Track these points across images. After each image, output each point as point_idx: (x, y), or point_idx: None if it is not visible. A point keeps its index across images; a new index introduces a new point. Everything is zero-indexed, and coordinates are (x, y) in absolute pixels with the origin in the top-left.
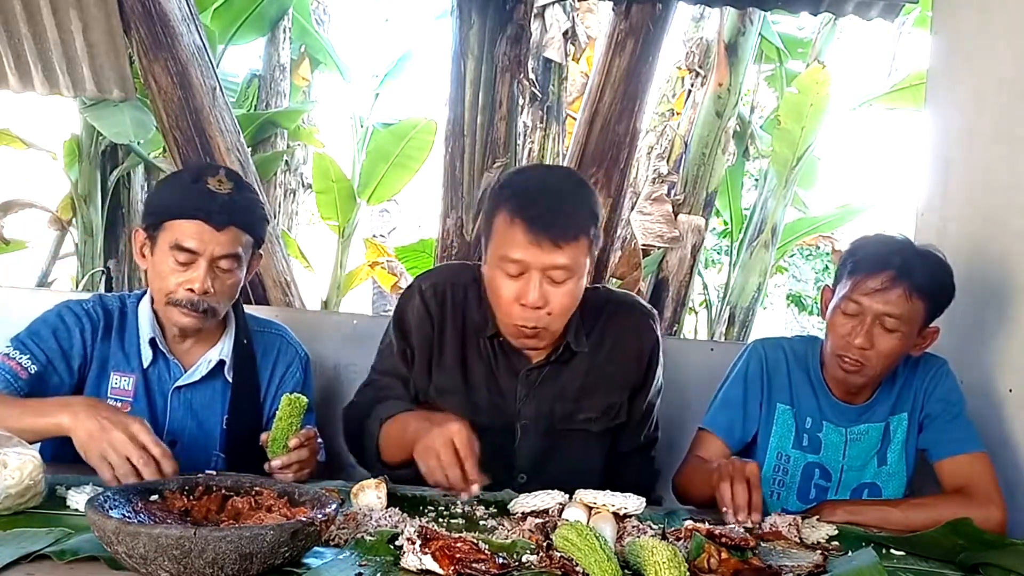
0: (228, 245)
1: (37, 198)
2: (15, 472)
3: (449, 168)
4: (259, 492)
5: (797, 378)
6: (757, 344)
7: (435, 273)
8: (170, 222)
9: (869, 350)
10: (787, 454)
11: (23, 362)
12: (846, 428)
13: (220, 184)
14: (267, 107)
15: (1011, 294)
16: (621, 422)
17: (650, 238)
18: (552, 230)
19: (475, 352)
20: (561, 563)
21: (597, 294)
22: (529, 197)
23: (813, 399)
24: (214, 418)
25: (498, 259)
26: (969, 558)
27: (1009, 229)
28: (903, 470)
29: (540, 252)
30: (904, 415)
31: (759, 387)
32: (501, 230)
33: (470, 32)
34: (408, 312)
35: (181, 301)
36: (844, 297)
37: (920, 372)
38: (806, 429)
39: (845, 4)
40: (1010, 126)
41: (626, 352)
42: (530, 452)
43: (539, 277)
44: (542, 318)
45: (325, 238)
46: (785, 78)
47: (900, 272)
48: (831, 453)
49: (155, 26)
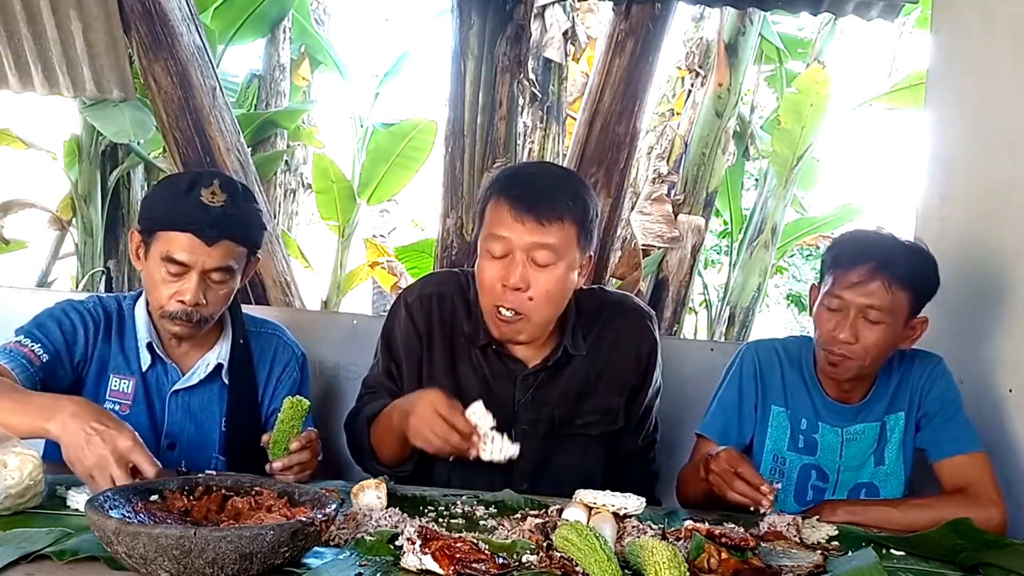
0: (220, 259)
1: (37, 198)
2: (15, 472)
3: (449, 168)
4: (259, 492)
5: (791, 379)
6: (750, 346)
7: (421, 284)
8: (162, 232)
9: (855, 344)
10: (783, 456)
11: (36, 350)
12: (842, 428)
13: (213, 196)
14: (267, 107)
15: (1011, 294)
16: (620, 426)
17: (650, 238)
18: (535, 208)
19: (466, 361)
20: (561, 563)
21: (594, 296)
22: (516, 179)
23: (808, 399)
24: (212, 421)
25: (484, 240)
26: (969, 558)
27: (1009, 229)
28: (901, 470)
29: (523, 230)
30: (901, 414)
31: (753, 389)
32: (489, 212)
33: (470, 32)
34: (395, 328)
35: (174, 313)
36: (826, 293)
37: (916, 370)
38: (801, 430)
39: (845, 4)
40: (1010, 126)
41: (624, 354)
42: (530, 458)
43: (522, 257)
44: (524, 303)
45: (325, 238)
46: (785, 78)
47: (880, 264)
48: (827, 454)
49: (155, 26)
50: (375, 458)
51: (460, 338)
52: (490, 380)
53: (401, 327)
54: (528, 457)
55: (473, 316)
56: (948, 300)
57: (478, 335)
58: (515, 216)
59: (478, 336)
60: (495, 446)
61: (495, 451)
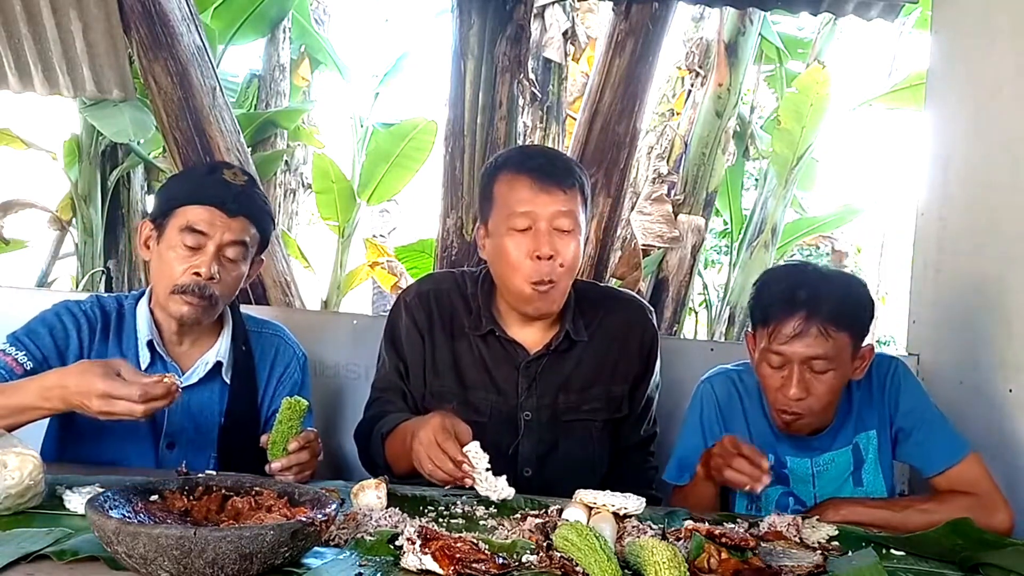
0: (237, 232)
1: (37, 198)
2: (15, 472)
3: (449, 168)
4: (259, 492)
5: (752, 414)
6: (706, 383)
7: (418, 283)
8: (182, 207)
9: (807, 398)
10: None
11: (19, 358)
12: (811, 458)
13: (235, 176)
14: (267, 107)
15: (1011, 294)
16: (624, 414)
17: (650, 238)
18: (555, 175)
19: (468, 353)
20: (561, 563)
21: (596, 288)
22: (527, 153)
23: (771, 433)
24: (212, 420)
25: (504, 219)
26: (969, 558)
27: (1009, 229)
28: (882, 485)
29: (548, 200)
30: (872, 432)
31: (718, 430)
32: (504, 191)
33: (470, 32)
34: (397, 327)
35: (187, 286)
36: (764, 349)
37: (876, 383)
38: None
39: (845, 4)
40: (1010, 126)
41: (627, 343)
42: (534, 446)
43: (547, 227)
44: (555, 270)
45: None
46: (785, 78)
47: (811, 311)
48: (800, 484)
49: (155, 26)
50: (390, 473)
51: (461, 329)
52: (492, 369)
53: (403, 326)
54: (533, 446)
55: (472, 309)
56: (948, 300)
57: (480, 323)
58: (539, 187)
59: (480, 324)
60: (489, 485)
61: (490, 490)
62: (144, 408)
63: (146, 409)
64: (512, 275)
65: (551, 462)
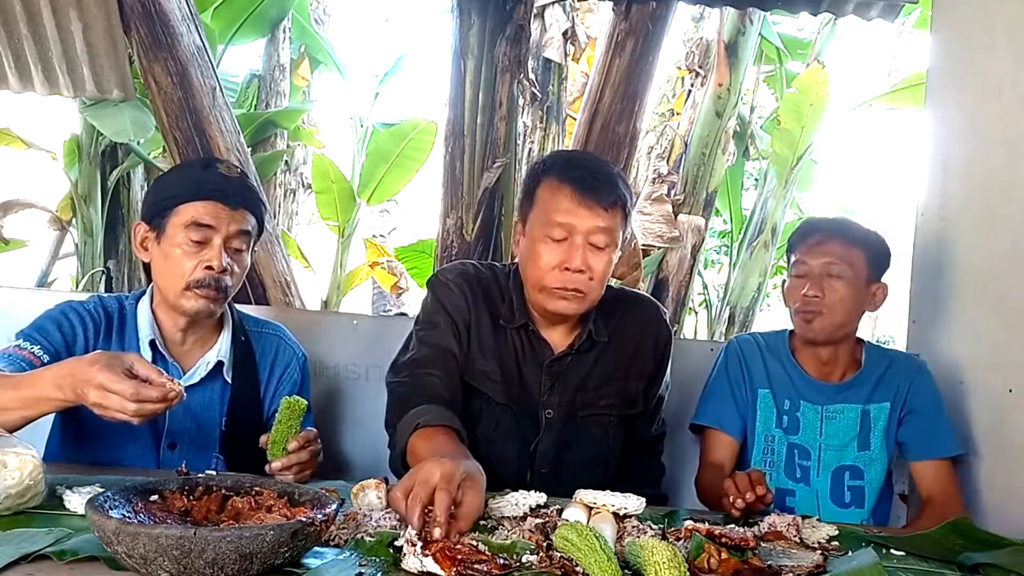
0: (241, 222)
1: (37, 198)
2: (15, 472)
3: (449, 168)
4: (259, 492)
5: (772, 365)
6: (732, 341)
7: (453, 267)
8: (183, 205)
9: (822, 298)
10: (772, 434)
11: (36, 352)
12: (822, 406)
13: (229, 169)
14: (267, 107)
15: (1011, 294)
16: (638, 411)
17: (650, 238)
18: (597, 192)
19: (504, 340)
20: (561, 563)
21: (612, 290)
22: (574, 163)
23: (788, 381)
24: (213, 419)
25: (542, 225)
26: (969, 558)
27: (1009, 229)
28: (885, 457)
29: (587, 215)
30: (886, 404)
31: (740, 377)
32: (546, 197)
33: (470, 32)
34: (444, 297)
35: (201, 281)
36: (792, 264)
37: (902, 368)
38: (785, 410)
39: (845, 4)
40: (1010, 126)
41: (643, 342)
42: (552, 443)
43: (582, 241)
44: (584, 282)
45: (325, 238)
46: (785, 78)
47: (835, 229)
48: (808, 433)
49: (155, 26)
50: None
51: (498, 319)
52: (521, 363)
53: (451, 297)
54: (550, 443)
55: (507, 299)
56: (948, 300)
57: (514, 316)
58: (579, 201)
59: (514, 318)
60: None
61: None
62: (135, 407)
63: (137, 409)
64: (538, 277)
65: (566, 459)
